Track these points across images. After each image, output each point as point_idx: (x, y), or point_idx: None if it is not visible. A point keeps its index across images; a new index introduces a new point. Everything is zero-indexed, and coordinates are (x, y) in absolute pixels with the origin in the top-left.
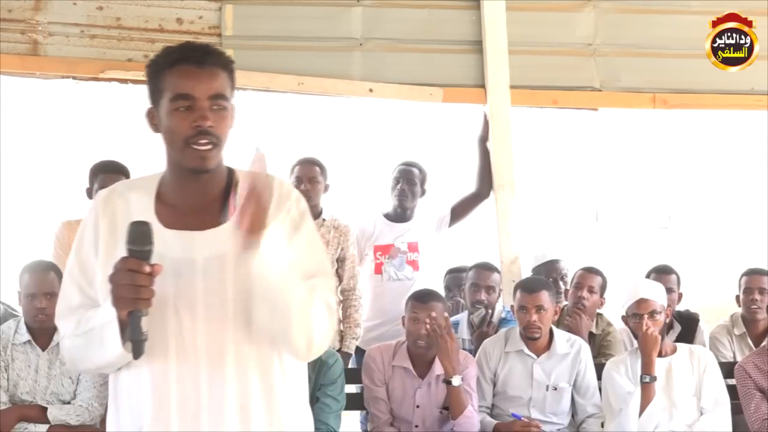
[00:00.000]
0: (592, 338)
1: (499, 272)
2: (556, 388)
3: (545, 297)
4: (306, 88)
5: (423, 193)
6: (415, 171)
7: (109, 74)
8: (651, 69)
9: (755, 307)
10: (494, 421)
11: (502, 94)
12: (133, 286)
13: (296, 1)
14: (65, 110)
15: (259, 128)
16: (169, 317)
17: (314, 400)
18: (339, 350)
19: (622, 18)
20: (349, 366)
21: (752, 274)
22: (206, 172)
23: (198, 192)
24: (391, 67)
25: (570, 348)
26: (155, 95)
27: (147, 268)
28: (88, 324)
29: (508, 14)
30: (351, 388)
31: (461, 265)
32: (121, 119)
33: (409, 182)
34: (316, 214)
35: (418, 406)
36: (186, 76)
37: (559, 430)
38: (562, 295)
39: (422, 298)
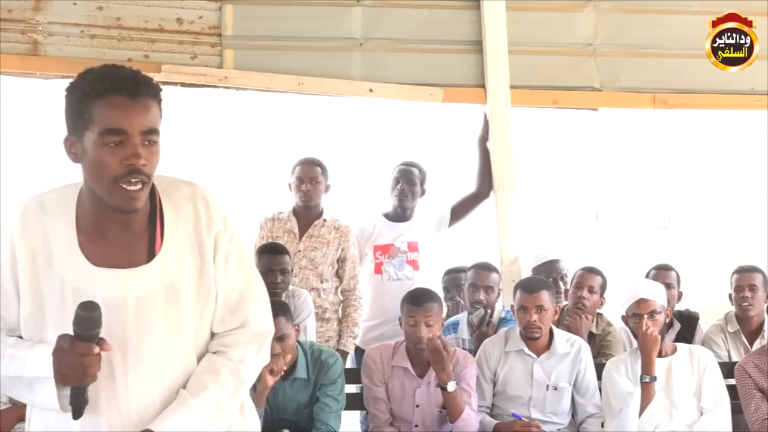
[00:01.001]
0: (592, 338)
1: (498, 272)
2: (556, 388)
3: (545, 297)
4: (306, 88)
5: (423, 192)
6: (415, 171)
7: None
8: (651, 69)
9: (746, 304)
10: (494, 421)
11: (502, 94)
12: (79, 366)
13: (296, 1)
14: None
15: (260, 128)
16: (101, 361)
17: (314, 400)
18: (337, 349)
19: (622, 18)
20: (348, 366)
21: (742, 272)
22: (133, 212)
23: (121, 226)
24: (391, 67)
25: (570, 348)
26: (78, 123)
27: (96, 350)
28: (19, 370)
29: (508, 14)
30: (351, 388)
31: (459, 266)
32: None
33: (409, 182)
34: (318, 214)
35: (417, 406)
36: (117, 109)
37: (559, 430)
38: (562, 295)
39: (417, 301)
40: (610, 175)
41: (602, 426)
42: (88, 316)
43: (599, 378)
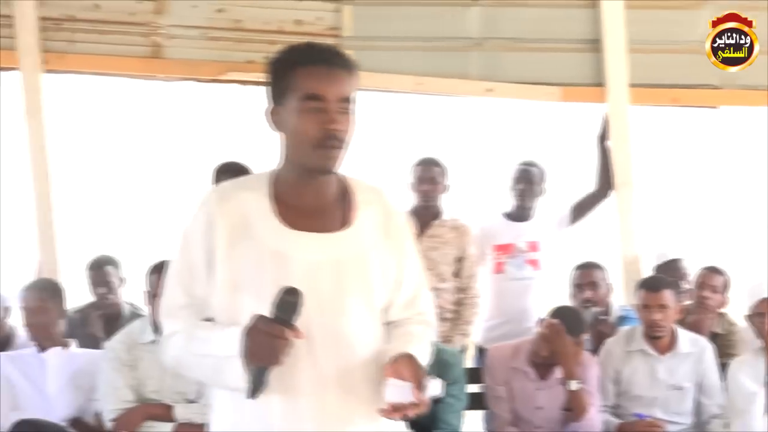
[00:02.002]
0: (715, 338)
1: (601, 268)
2: (679, 388)
3: (668, 296)
4: (425, 88)
5: (543, 192)
6: (535, 170)
7: (230, 76)
8: None
9: None
10: (617, 421)
11: (622, 93)
12: (272, 348)
13: (415, 1)
14: (186, 112)
15: (378, 129)
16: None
17: (436, 400)
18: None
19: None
20: (471, 365)
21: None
22: (330, 174)
23: (317, 193)
24: (510, 66)
25: (694, 347)
26: (279, 94)
27: (291, 334)
28: (204, 347)
29: (626, 12)
30: (473, 387)
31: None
32: (241, 121)
33: (528, 182)
34: (436, 214)
35: (540, 408)
36: (317, 77)
37: (682, 430)
38: (685, 293)
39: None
40: (731, 174)
41: (726, 427)
42: (291, 301)
43: (723, 378)
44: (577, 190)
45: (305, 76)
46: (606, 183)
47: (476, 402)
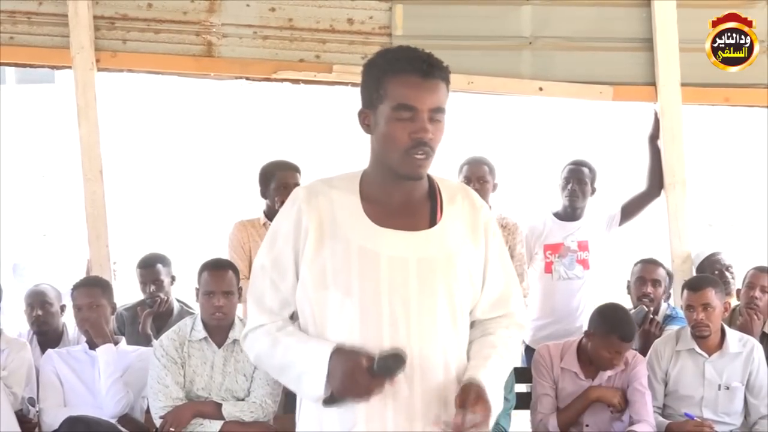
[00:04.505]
0: (765, 338)
1: (665, 268)
2: (728, 388)
3: (711, 295)
4: (476, 87)
5: (593, 191)
6: (585, 170)
7: (281, 75)
8: None
9: None
10: (666, 421)
11: (673, 92)
12: (366, 393)
13: (466, 0)
14: (238, 110)
15: None
16: (384, 314)
17: None
18: None
19: None
20: (518, 365)
21: None
22: (419, 180)
23: (405, 193)
24: (561, 65)
25: (742, 347)
26: (373, 98)
27: (383, 386)
28: (287, 355)
29: (678, 11)
30: (520, 387)
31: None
32: (292, 119)
33: (579, 181)
34: None
35: (587, 407)
36: (411, 87)
37: (731, 430)
38: (731, 286)
39: (626, 337)
40: None
41: None
42: (398, 360)
43: None
44: (628, 190)
45: (399, 84)
46: (657, 182)
47: (524, 402)
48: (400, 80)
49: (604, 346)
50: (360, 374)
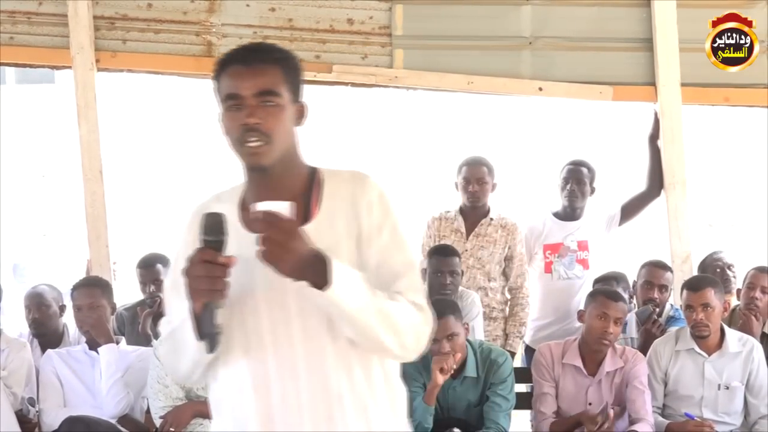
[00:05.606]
0: (765, 338)
1: (671, 271)
2: (728, 387)
3: (711, 295)
4: (476, 87)
5: (592, 191)
6: (584, 170)
7: None
8: None
9: None
10: (666, 421)
11: (673, 92)
12: (208, 277)
13: (466, 0)
14: None
15: (429, 128)
16: (263, 323)
17: (484, 399)
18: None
19: None
20: (518, 365)
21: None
22: (263, 169)
23: (274, 193)
24: (561, 65)
25: (742, 347)
26: (217, 101)
27: (222, 259)
28: (170, 326)
29: (678, 11)
30: (520, 387)
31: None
32: None
33: (578, 182)
34: (485, 212)
35: (590, 404)
36: (233, 77)
37: (731, 430)
38: (732, 285)
39: (613, 296)
40: None
41: None
42: (212, 220)
43: None
44: (628, 190)
45: (225, 78)
46: (657, 183)
47: (524, 402)
48: (225, 74)
49: (593, 314)
50: (195, 254)
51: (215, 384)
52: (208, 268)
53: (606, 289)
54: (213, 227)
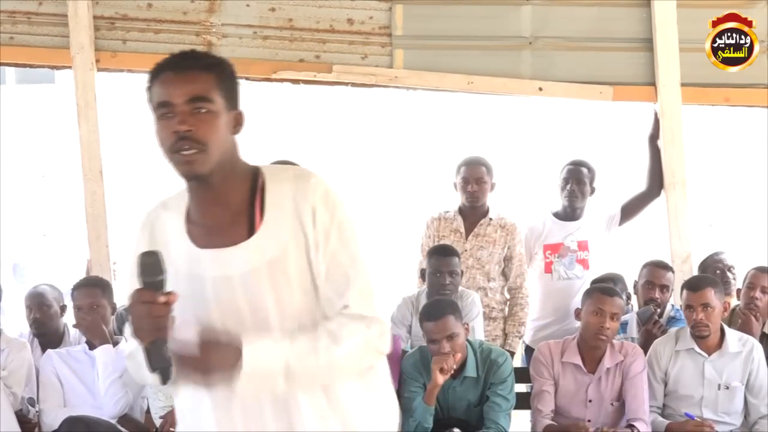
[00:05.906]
0: (765, 338)
1: (673, 271)
2: (728, 387)
3: (711, 295)
4: (476, 87)
5: (592, 191)
6: (584, 170)
7: (281, 75)
8: None
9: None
10: (666, 421)
11: (673, 92)
12: (150, 317)
13: (466, 0)
14: None
15: (429, 128)
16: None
17: (484, 399)
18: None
19: None
20: (518, 365)
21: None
22: (199, 179)
23: (217, 204)
24: (561, 65)
25: (742, 347)
26: (151, 112)
27: (162, 299)
28: (129, 348)
29: (678, 11)
30: (520, 387)
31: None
32: (292, 119)
33: (578, 182)
34: (484, 213)
35: (590, 401)
36: (164, 84)
37: (731, 430)
38: (732, 286)
39: (608, 292)
40: None
41: None
42: (148, 261)
43: None
44: (628, 190)
45: (156, 87)
46: (657, 183)
47: (524, 402)
48: (157, 82)
49: (589, 310)
50: (135, 296)
51: (177, 399)
52: (149, 309)
53: (601, 286)
54: (149, 267)
